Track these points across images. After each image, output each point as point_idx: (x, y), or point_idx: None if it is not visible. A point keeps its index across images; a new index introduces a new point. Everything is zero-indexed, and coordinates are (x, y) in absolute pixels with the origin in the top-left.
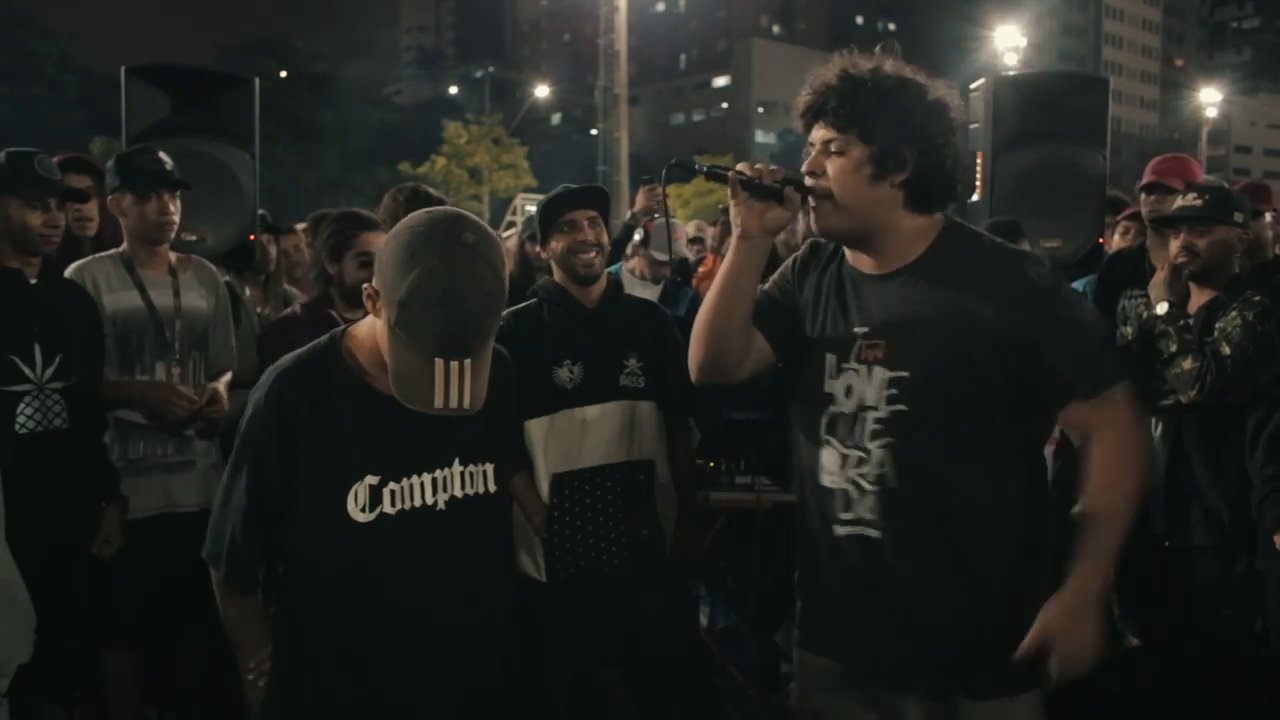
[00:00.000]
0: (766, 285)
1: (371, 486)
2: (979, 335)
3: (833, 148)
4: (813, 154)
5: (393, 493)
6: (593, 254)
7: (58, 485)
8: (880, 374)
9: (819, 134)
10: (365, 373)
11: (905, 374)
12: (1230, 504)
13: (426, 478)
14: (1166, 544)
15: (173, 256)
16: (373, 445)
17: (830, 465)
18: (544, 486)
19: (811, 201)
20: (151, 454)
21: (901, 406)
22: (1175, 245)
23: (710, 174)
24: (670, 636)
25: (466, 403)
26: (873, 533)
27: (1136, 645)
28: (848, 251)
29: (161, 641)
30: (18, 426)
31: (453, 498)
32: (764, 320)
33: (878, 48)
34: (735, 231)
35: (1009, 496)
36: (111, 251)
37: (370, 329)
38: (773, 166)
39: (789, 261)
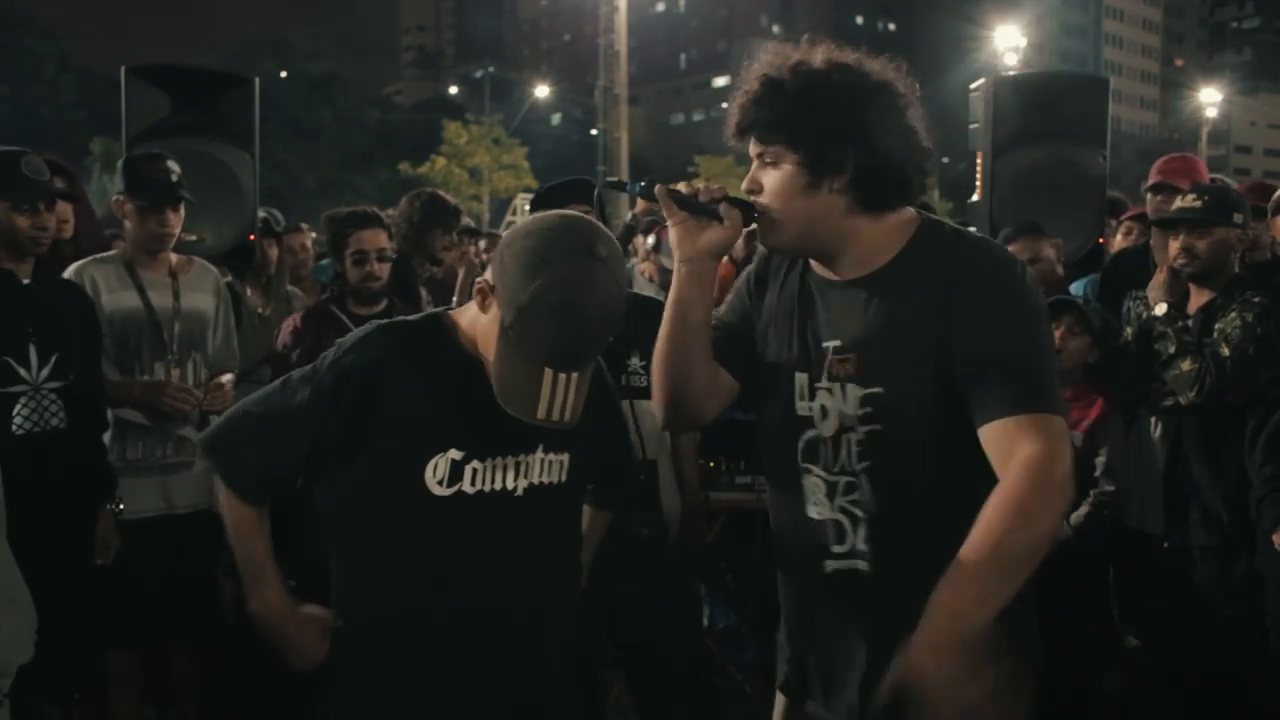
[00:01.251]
0: (721, 311)
1: (454, 461)
2: (947, 346)
3: (765, 160)
4: (752, 169)
5: (475, 472)
6: None
7: (56, 485)
8: (854, 391)
9: (753, 148)
10: (467, 352)
11: (879, 390)
12: (1230, 505)
13: (510, 460)
14: (1166, 544)
15: (174, 259)
16: (463, 420)
17: (816, 495)
18: None
19: (757, 219)
20: (150, 454)
21: (877, 426)
22: (1174, 247)
23: (643, 192)
24: (672, 637)
25: (568, 416)
26: (862, 565)
27: (1136, 645)
28: (813, 261)
29: (161, 642)
30: (14, 427)
31: (531, 485)
32: (722, 352)
33: (803, 38)
34: (675, 256)
35: (960, 519)
36: (112, 252)
37: (471, 320)
38: (714, 185)
39: (742, 279)
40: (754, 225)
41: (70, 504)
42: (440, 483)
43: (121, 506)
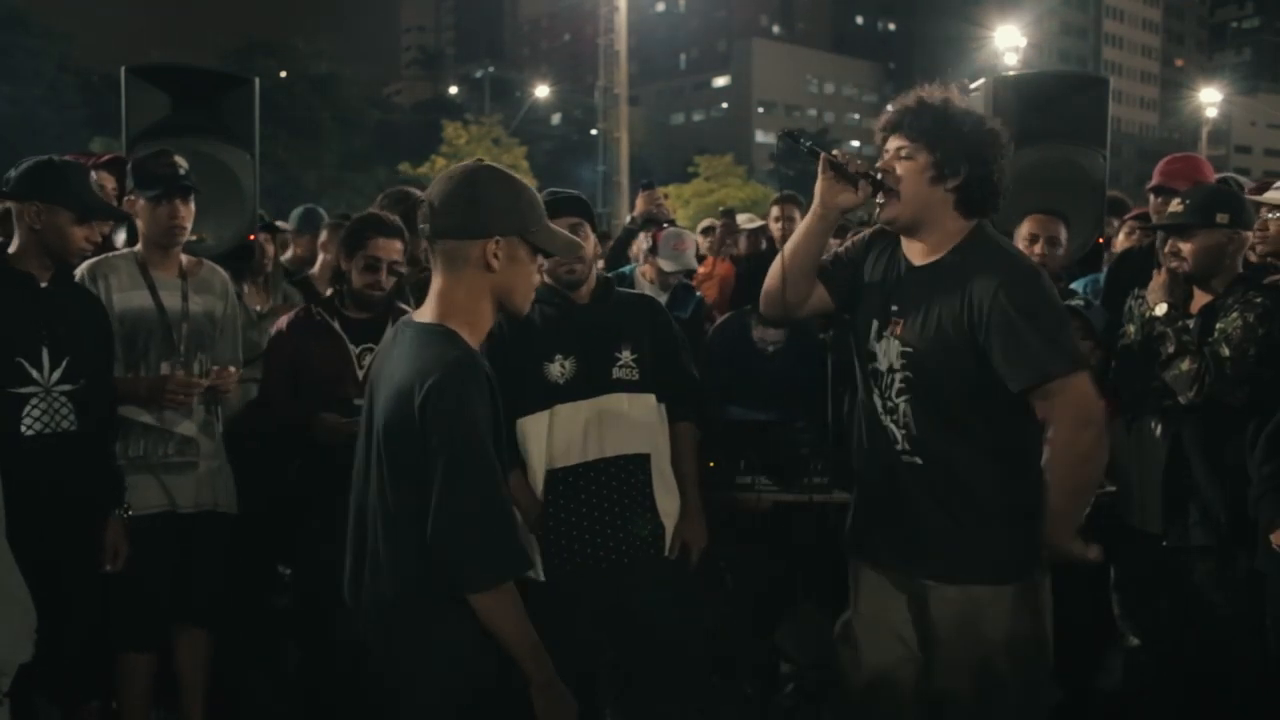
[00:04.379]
0: (841, 248)
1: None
2: (958, 327)
3: (903, 154)
4: (887, 158)
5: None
6: (572, 263)
7: (66, 487)
8: (896, 346)
9: (894, 143)
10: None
11: (910, 349)
12: (1229, 505)
13: None
14: (1166, 544)
15: (184, 260)
16: (496, 406)
17: (878, 409)
18: (539, 483)
19: (881, 195)
20: (151, 453)
21: (909, 374)
22: (1166, 250)
23: (811, 150)
24: (670, 634)
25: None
26: (908, 460)
27: (1136, 645)
28: (902, 241)
29: (164, 641)
30: (24, 428)
31: None
32: (829, 276)
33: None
34: (815, 201)
35: (986, 453)
36: (125, 251)
37: (475, 316)
38: (859, 159)
39: (864, 234)
40: (878, 197)
41: (80, 506)
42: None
43: (130, 512)
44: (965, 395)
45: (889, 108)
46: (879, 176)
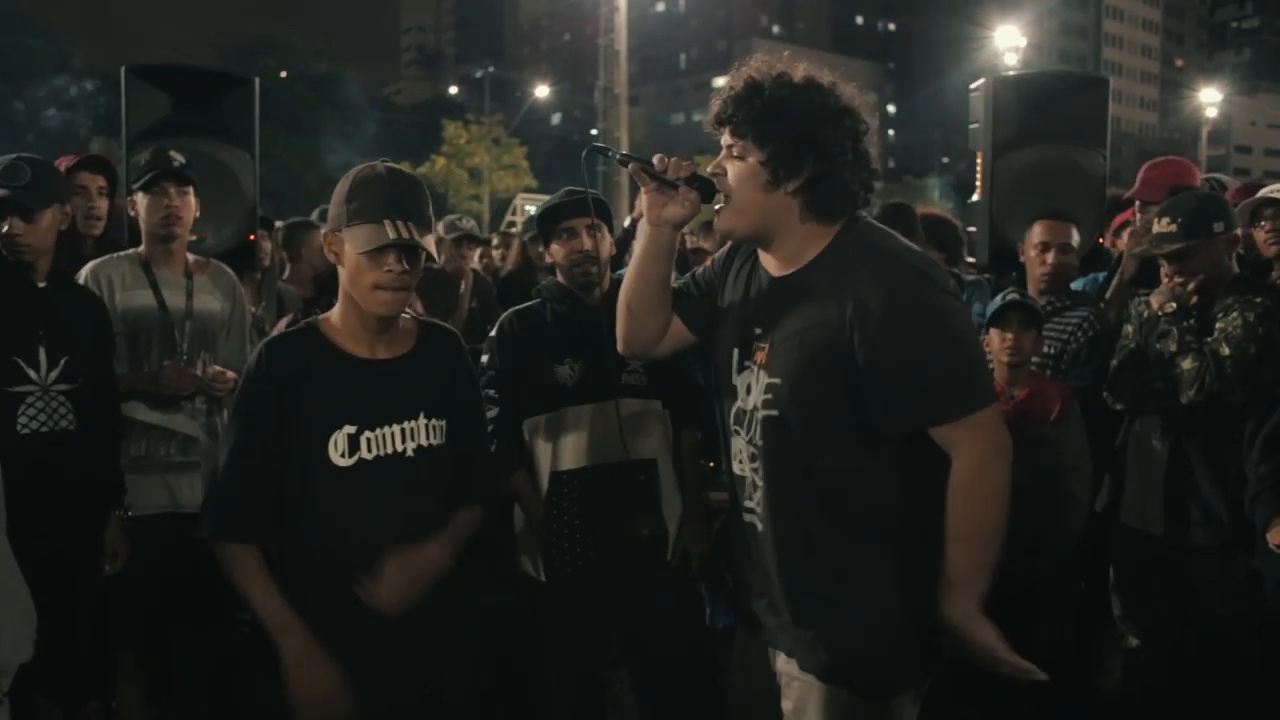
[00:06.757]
0: (696, 272)
1: (350, 435)
2: (837, 348)
3: (734, 152)
4: (721, 156)
5: (368, 440)
6: (590, 265)
7: (65, 487)
8: (762, 378)
9: (725, 139)
10: (339, 343)
11: (777, 381)
12: (1230, 504)
13: (396, 428)
14: (1166, 544)
15: (190, 259)
16: (348, 399)
17: (738, 454)
18: (543, 484)
19: (719, 200)
20: (153, 452)
21: (773, 412)
22: (1165, 273)
23: (622, 160)
24: (672, 636)
25: (414, 235)
26: (757, 522)
27: (1136, 645)
28: (759, 251)
29: (165, 641)
30: (19, 427)
31: (419, 446)
32: (680, 305)
33: (787, 54)
34: (644, 220)
35: (875, 503)
36: (129, 251)
37: (339, 309)
38: (686, 162)
39: (721, 251)
40: (715, 205)
41: (78, 506)
42: (342, 455)
43: (130, 513)
44: (839, 443)
45: (716, 91)
46: (712, 178)
